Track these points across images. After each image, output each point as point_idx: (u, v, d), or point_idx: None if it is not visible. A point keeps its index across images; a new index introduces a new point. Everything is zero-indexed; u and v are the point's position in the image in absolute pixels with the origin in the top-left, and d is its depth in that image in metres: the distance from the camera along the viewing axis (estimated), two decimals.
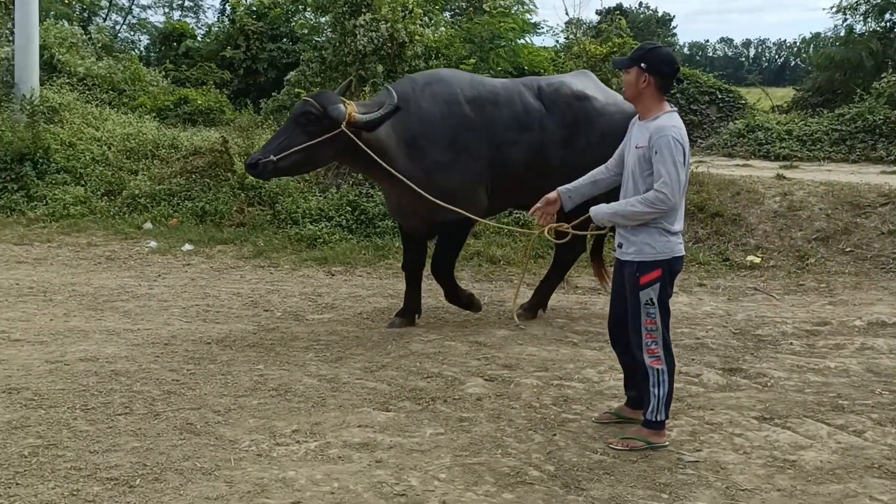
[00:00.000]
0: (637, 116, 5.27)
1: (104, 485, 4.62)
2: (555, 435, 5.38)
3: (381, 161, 6.95)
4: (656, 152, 4.97)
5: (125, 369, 6.48)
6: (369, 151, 6.91)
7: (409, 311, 7.88)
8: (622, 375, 5.75)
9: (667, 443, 5.22)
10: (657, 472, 4.90)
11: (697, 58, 75.11)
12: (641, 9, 59.15)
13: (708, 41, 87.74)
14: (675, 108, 5.19)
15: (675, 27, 67.78)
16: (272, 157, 6.79)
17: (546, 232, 5.77)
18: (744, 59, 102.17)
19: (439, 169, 7.30)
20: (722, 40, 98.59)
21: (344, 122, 6.83)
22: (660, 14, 64.23)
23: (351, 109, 6.89)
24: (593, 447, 5.21)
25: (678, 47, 68.78)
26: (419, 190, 7.00)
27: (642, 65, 5.07)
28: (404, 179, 7.02)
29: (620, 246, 5.22)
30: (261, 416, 5.63)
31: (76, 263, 10.45)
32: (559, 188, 5.49)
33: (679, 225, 5.14)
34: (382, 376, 6.45)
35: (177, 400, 5.90)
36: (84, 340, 7.24)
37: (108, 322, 7.84)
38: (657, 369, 5.15)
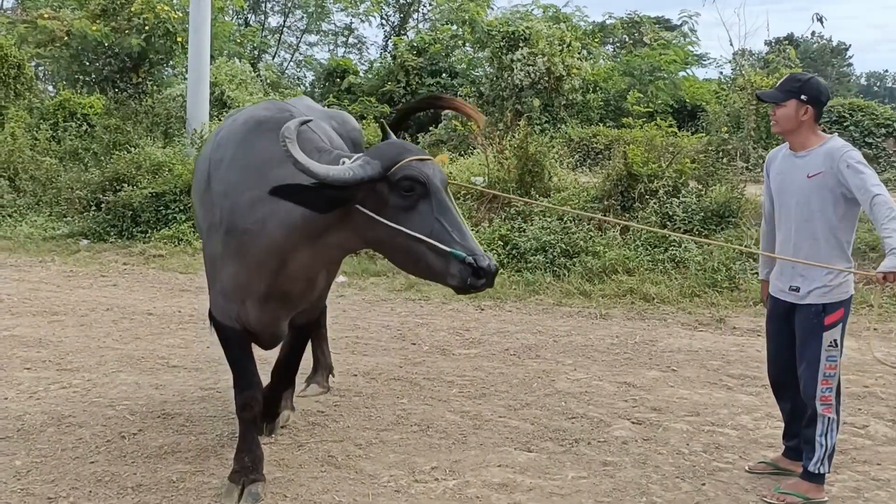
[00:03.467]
0: (780, 151, 5.12)
1: None
2: (704, 484, 5.15)
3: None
4: (848, 166, 4.73)
5: None
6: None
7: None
8: (780, 423, 5.47)
9: (826, 499, 4.92)
10: None
11: (875, 88, 71.89)
12: (814, 38, 57.06)
13: (887, 71, 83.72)
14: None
15: (850, 57, 64.98)
16: None
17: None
18: None
19: None
20: None
21: None
22: (834, 43, 61.85)
23: None
24: (745, 499, 4.96)
25: (854, 78, 66.13)
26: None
27: (802, 97, 4.88)
28: None
29: (796, 290, 4.94)
30: (401, 451, 5.62)
31: None
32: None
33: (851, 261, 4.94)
34: (526, 415, 6.34)
35: (320, 431, 5.96)
36: None
37: (260, 351, 7.95)
38: (828, 418, 4.86)
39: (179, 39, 17.49)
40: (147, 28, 17.27)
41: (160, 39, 17.54)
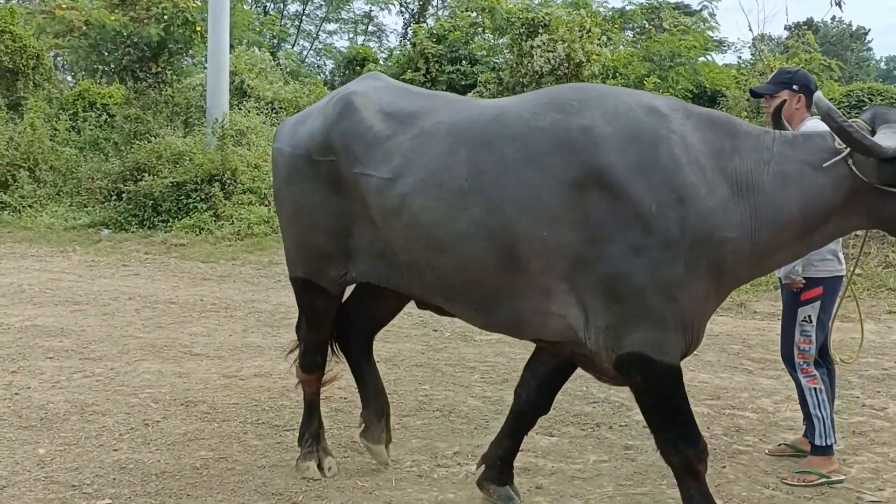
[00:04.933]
0: None
1: (269, 500, 4.70)
2: (724, 467, 5.14)
3: None
4: None
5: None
6: None
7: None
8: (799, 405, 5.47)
9: (843, 477, 4.95)
10: None
11: (895, 72, 71.27)
12: (834, 23, 56.50)
13: None
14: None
15: (870, 41, 64.26)
16: None
17: None
18: None
19: None
20: None
21: None
22: (854, 28, 61.24)
23: None
24: (765, 481, 4.95)
25: (873, 62, 65.44)
26: None
27: (794, 86, 5.05)
28: None
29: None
30: (424, 436, 5.63)
31: (257, 281, 10.82)
32: None
33: (839, 245, 5.00)
34: None
35: (343, 417, 5.97)
36: (259, 356, 7.46)
37: (283, 338, 8.04)
38: (814, 388, 4.98)
39: (198, 29, 17.50)
40: (166, 17, 17.28)
41: (179, 29, 17.54)
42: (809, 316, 4.94)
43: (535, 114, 3.95)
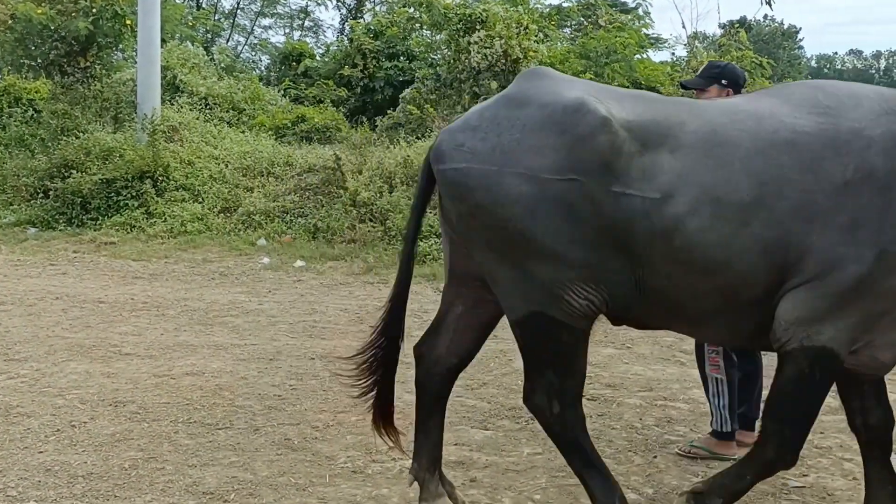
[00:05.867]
0: None
1: (199, 499, 4.63)
2: (655, 457, 5.20)
3: None
4: None
5: (229, 384, 6.53)
6: None
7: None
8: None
9: (736, 455, 5.06)
10: (760, 497, 4.68)
11: (826, 70, 72.97)
12: (766, 21, 57.52)
13: (836, 53, 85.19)
14: None
15: (801, 39, 65.72)
16: None
17: None
18: (874, 71, 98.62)
19: None
20: (851, 52, 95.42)
21: None
22: (785, 27, 62.43)
23: None
24: (694, 470, 5.02)
25: (804, 60, 66.83)
26: None
27: (723, 81, 5.15)
28: None
29: None
30: (358, 432, 5.58)
31: (190, 279, 10.66)
32: None
33: None
34: (483, 394, 6.35)
35: (277, 415, 5.91)
36: (192, 355, 7.34)
37: (216, 337, 7.95)
38: (716, 378, 5.15)
39: (129, 22, 17.13)
40: (94, 11, 16.87)
41: (108, 22, 17.14)
42: None
43: (796, 117, 3.76)
